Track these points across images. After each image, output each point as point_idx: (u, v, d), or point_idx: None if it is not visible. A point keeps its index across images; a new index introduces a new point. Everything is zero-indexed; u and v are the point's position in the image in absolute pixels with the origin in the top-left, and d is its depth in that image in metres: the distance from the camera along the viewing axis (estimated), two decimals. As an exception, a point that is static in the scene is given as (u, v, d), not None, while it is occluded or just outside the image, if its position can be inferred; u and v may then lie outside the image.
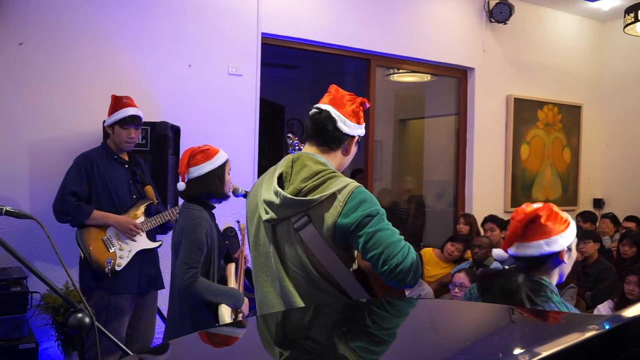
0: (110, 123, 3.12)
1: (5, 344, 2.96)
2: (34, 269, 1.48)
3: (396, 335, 1.23)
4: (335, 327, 1.33)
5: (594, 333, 1.02)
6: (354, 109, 1.86)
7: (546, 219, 1.82)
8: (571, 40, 6.42)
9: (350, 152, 1.89)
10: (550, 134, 6.26)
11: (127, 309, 3.08)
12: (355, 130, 1.86)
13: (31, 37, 3.56)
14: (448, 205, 6.08)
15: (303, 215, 1.71)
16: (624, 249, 4.67)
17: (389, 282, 1.67)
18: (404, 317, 1.37)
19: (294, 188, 1.73)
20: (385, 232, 1.67)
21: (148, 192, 3.25)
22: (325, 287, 1.72)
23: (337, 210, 1.68)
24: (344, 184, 1.72)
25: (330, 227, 1.69)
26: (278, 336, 1.32)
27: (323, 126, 1.83)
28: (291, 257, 1.75)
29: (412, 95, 6.86)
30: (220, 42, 4.21)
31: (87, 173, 3.04)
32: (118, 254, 3.04)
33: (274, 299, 1.81)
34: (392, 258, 1.63)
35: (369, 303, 1.52)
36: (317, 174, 1.74)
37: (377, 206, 1.72)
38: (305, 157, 1.80)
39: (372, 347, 1.15)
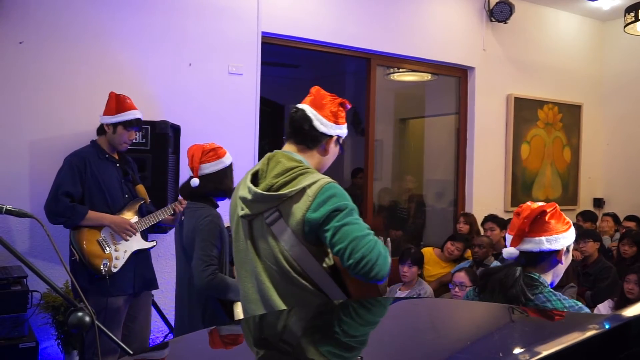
0: (113, 122, 3.08)
1: (5, 343, 2.95)
2: (34, 268, 1.48)
3: (365, 342, 1.24)
4: (306, 331, 1.35)
5: (594, 332, 1.02)
6: (332, 110, 1.89)
7: (550, 217, 1.83)
8: (571, 39, 6.42)
9: (329, 151, 1.92)
10: (550, 133, 6.26)
11: (122, 310, 3.05)
12: (333, 130, 1.89)
13: (31, 36, 3.56)
14: (448, 205, 6.08)
15: (275, 211, 1.75)
16: (624, 249, 4.67)
17: (355, 276, 1.67)
18: (372, 326, 1.38)
19: (266, 184, 1.79)
20: (351, 227, 1.68)
21: (140, 191, 3.20)
22: (297, 281, 1.75)
23: (306, 205, 1.71)
24: (314, 179, 1.74)
25: (300, 222, 1.71)
26: (256, 337, 1.36)
27: (299, 125, 1.87)
28: (265, 252, 1.79)
29: (412, 95, 6.86)
30: (221, 41, 4.21)
31: (80, 172, 2.98)
32: (114, 255, 3.00)
33: (253, 294, 1.85)
34: (356, 251, 1.64)
35: (339, 309, 1.52)
36: (289, 170, 1.77)
37: (347, 201, 1.73)
38: (280, 154, 1.85)
39: (340, 352, 1.16)
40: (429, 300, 3.09)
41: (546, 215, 1.82)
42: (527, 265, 1.83)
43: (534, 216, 1.81)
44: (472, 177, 5.71)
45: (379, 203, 6.14)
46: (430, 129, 6.79)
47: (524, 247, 1.82)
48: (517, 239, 1.83)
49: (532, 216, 1.81)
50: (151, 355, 1.35)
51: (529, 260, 1.83)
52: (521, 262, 1.83)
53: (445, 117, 6.22)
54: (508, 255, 1.84)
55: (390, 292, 4.10)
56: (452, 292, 3.71)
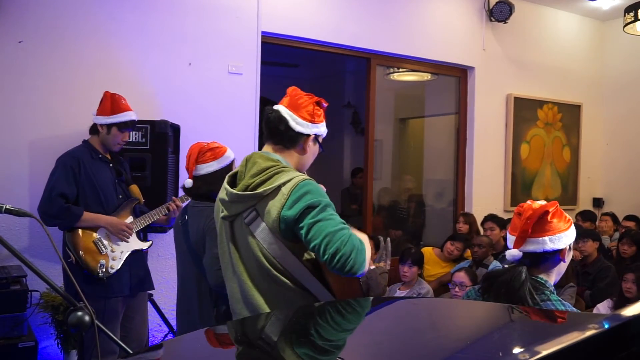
0: (108, 123, 3.04)
1: (5, 343, 2.95)
2: (34, 267, 1.48)
3: (341, 346, 1.25)
4: (285, 333, 1.37)
5: (594, 332, 1.02)
6: (308, 110, 1.90)
7: (552, 216, 1.81)
8: (571, 39, 6.42)
9: (307, 150, 1.93)
10: (550, 133, 6.26)
11: (119, 311, 3.03)
12: (309, 129, 1.90)
13: (31, 35, 3.56)
14: (448, 205, 6.08)
15: (252, 210, 1.78)
16: (623, 248, 4.68)
17: (332, 271, 1.68)
18: (348, 332, 1.38)
19: (243, 184, 1.81)
20: (325, 222, 1.69)
21: (133, 191, 3.18)
22: (279, 279, 1.76)
23: (281, 203, 1.72)
24: (290, 177, 1.76)
25: (276, 219, 1.73)
26: (237, 335, 1.38)
27: (275, 126, 1.89)
28: (246, 252, 1.82)
29: (412, 94, 6.86)
30: (221, 41, 4.20)
31: (75, 173, 2.94)
32: (110, 256, 2.97)
33: (237, 294, 1.88)
34: (330, 246, 1.64)
35: (317, 313, 1.52)
36: (265, 170, 1.79)
37: (321, 197, 1.74)
38: (257, 155, 1.87)
39: (316, 355, 1.17)
40: (429, 299, 3.09)
41: (548, 214, 1.80)
42: (531, 266, 1.81)
43: (536, 217, 1.79)
44: (472, 177, 5.71)
45: (379, 203, 6.14)
46: (430, 128, 6.79)
47: (528, 249, 1.80)
48: (520, 240, 1.81)
49: (535, 217, 1.79)
50: (150, 355, 1.35)
51: (533, 261, 1.81)
52: (525, 263, 1.80)
53: (445, 117, 6.22)
54: (511, 257, 1.82)
55: (389, 291, 4.10)
56: (452, 292, 3.71)
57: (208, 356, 1.22)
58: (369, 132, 5.19)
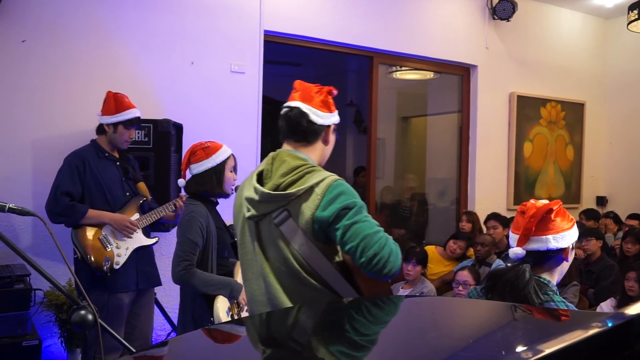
0: (114, 122, 3.09)
1: (9, 341, 2.96)
2: (37, 266, 1.49)
3: (375, 341, 1.22)
4: (316, 330, 1.33)
5: (597, 331, 1.02)
6: (322, 99, 1.89)
7: (556, 215, 1.80)
8: (574, 37, 6.40)
9: (329, 141, 1.92)
10: (553, 132, 6.24)
11: (125, 307, 3.07)
12: (328, 119, 1.89)
13: (33, 35, 3.56)
14: (451, 203, 6.07)
15: (283, 210, 1.73)
16: (626, 247, 4.67)
17: (368, 274, 1.67)
18: (383, 325, 1.36)
19: (272, 184, 1.76)
20: (362, 224, 1.67)
21: (141, 188, 3.22)
22: (308, 281, 1.73)
23: (315, 204, 1.69)
24: (322, 177, 1.73)
25: (309, 221, 1.70)
26: (263, 335, 1.33)
27: (297, 122, 1.86)
28: (274, 253, 1.77)
29: (414, 93, 6.85)
30: (223, 40, 4.20)
31: (80, 172, 3.00)
32: (115, 252, 3.01)
33: (260, 296, 1.83)
34: (368, 249, 1.63)
35: (350, 307, 1.51)
36: (295, 169, 1.76)
37: (356, 198, 1.72)
38: (284, 153, 1.84)
39: (351, 352, 1.15)
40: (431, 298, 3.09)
41: (552, 213, 1.79)
42: (534, 265, 1.80)
43: (540, 215, 1.78)
44: (475, 176, 5.70)
45: (382, 201, 6.14)
46: (433, 127, 6.78)
47: (531, 247, 1.80)
48: (523, 238, 1.80)
49: (539, 215, 1.78)
50: (153, 353, 1.35)
51: (536, 260, 1.81)
52: (528, 261, 1.80)
53: (447, 116, 6.21)
54: (514, 256, 1.81)
55: (392, 290, 4.10)
56: (456, 291, 3.71)
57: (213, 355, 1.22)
58: (371, 130, 5.18)
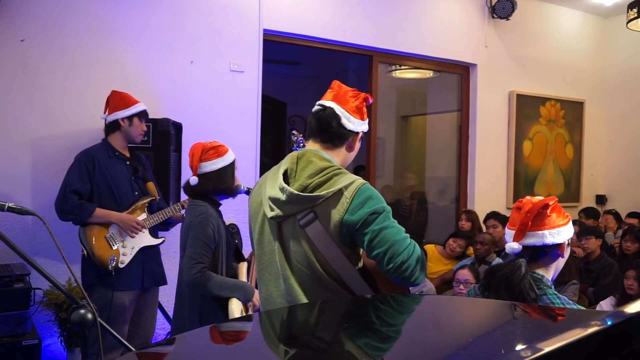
0: (128, 115, 3.13)
1: (9, 340, 2.96)
2: (37, 266, 1.49)
3: (402, 331, 1.22)
4: (340, 323, 1.31)
5: (596, 329, 1.02)
6: (357, 105, 1.85)
7: (552, 210, 1.82)
8: (574, 36, 6.40)
9: (354, 148, 1.89)
10: (552, 130, 6.24)
11: (129, 305, 3.09)
12: (359, 126, 1.86)
13: (33, 34, 3.56)
14: (450, 202, 6.08)
15: (309, 212, 1.70)
16: (626, 245, 4.67)
17: (394, 280, 1.66)
18: (409, 314, 1.35)
19: (299, 184, 1.72)
20: (390, 230, 1.66)
21: (149, 188, 3.24)
22: (330, 284, 1.71)
23: (344, 207, 1.67)
24: (350, 180, 1.71)
25: (337, 224, 1.68)
26: (283, 333, 1.31)
27: (327, 123, 1.82)
28: (297, 254, 1.74)
29: (414, 92, 6.85)
30: (222, 39, 4.20)
31: (89, 170, 3.04)
32: (121, 251, 3.05)
33: (278, 298, 1.80)
34: (397, 256, 1.63)
35: (374, 299, 1.51)
36: (323, 170, 1.73)
37: (383, 203, 1.71)
38: (310, 153, 1.79)
39: (378, 344, 1.14)
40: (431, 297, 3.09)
41: (548, 208, 1.81)
42: (530, 260, 1.82)
43: (536, 210, 1.80)
44: (475, 174, 5.70)
45: (381, 200, 6.14)
46: (433, 126, 6.78)
47: (527, 242, 1.81)
48: (519, 233, 1.82)
49: (535, 210, 1.80)
50: (153, 352, 1.35)
51: (532, 255, 1.82)
52: (525, 257, 1.81)
53: (447, 114, 6.21)
54: (511, 251, 1.83)
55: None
56: (457, 290, 3.71)
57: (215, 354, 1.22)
58: (371, 129, 5.18)
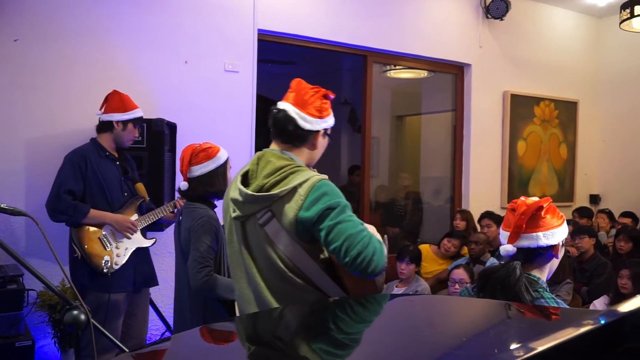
0: (124, 120, 3.11)
1: (2, 342, 2.94)
2: (30, 267, 1.48)
3: (359, 340, 1.23)
4: (300, 328, 1.34)
5: (590, 328, 1.02)
6: (315, 105, 1.86)
7: (546, 212, 1.82)
8: (568, 36, 6.42)
9: (317, 146, 1.89)
10: (546, 130, 6.26)
11: (122, 307, 3.08)
12: (317, 125, 1.86)
13: (27, 33, 3.55)
14: (445, 202, 6.09)
15: (267, 211, 1.74)
16: (619, 245, 4.69)
17: (353, 273, 1.67)
18: (367, 323, 1.36)
19: (256, 184, 1.76)
20: (346, 224, 1.67)
21: (139, 189, 3.22)
22: (293, 280, 1.74)
23: (298, 204, 1.69)
24: (305, 177, 1.72)
25: (292, 221, 1.70)
26: (249, 334, 1.35)
27: (283, 125, 1.84)
28: (260, 253, 1.78)
29: (408, 92, 6.86)
30: (217, 39, 4.19)
31: (82, 170, 3.00)
32: (115, 253, 3.03)
33: (249, 294, 1.84)
34: (352, 249, 1.63)
35: (334, 306, 1.52)
36: (279, 170, 1.75)
37: (339, 198, 1.72)
38: (269, 153, 1.83)
39: (333, 350, 1.15)
40: (425, 296, 3.10)
41: (542, 210, 1.81)
42: (524, 262, 1.81)
43: (530, 212, 1.79)
44: (469, 174, 5.71)
45: (376, 200, 6.15)
46: (427, 126, 6.79)
47: (522, 244, 1.81)
48: (513, 235, 1.82)
49: (529, 212, 1.79)
50: (147, 353, 1.35)
51: (527, 257, 1.82)
52: (519, 258, 1.81)
53: (441, 114, 6.22)
54: (505, 253, 1.83)
55: (387, 288, 4.10)
56: (452, 289, 3.71)
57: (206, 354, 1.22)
58: (365, 129, 5.19)
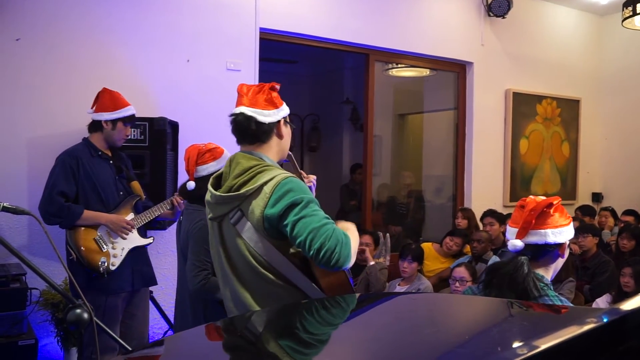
0: (113, 119, 3.05)
1: (5, 341, 2.95)
2: (33, 266, 1.48)
3: (325, 341, 1.26)
4: (269, 325, 1.41)
5: (592, 326, 1.02)
6: (265, 98, 1.92)
7: (555, 210, 1.84)
8: (570, 34, 6.41)
9: (283, 134, 1.95)
10: (549, 128, 6.25)
11: (120, 307, 3.04)
12: (276, 115, 1.92)
13: (28, 33, 3.55)
14: (447, 200, 6.08)
15: (237, 210, 1.80)
16: (622, 243, 4.68)
17: (319, 266, 1.69)
18: (332, 326, 1.40)
19: (227, 186, 1.83)
20: (309, 219, 1.70)
21: (134, 187, 3.18)
22: (267, 277, 1.78)
23: (264, 201, 1.74)
24: (272, 175, 1.77)
25: (260, 218, 1.74)
26: (226, 327, 1.42)
27: (245, 127, 1.90)
28: (234, 252, 1.83)
29: (410, 90, 6.85)
30: (219, 38, 4.19)
31: (74, 171, 2.94)
32: (111, 253, 2.98)
33: (227, 293, 1.90)
34: (315, 242, 1.65)
35: (303, 308, 1.55)
36: (248, 170, 1.81)
37: (304, 194, 1.75)
38: (239, 155, 1.89)
39: (299, 347, 1.19)
40: (428, 295, 3.09)
41: (552, 208, 1.83)
42: (531, 259, 1.82)
43: (540, 209, 1.82)
44: (471, 173, 5.70)
45: (378, 199, 6.14)
46: (429, 124, 6.79)
47: (530, 240, 1.82)
48: (522, 231, 1.83)
49: (539, 209, 1.82)
50: (150, 352, 1.35)
51: (534, 254, 1.83)
52: (526, 254, 1.82)
53: (443, 113, 6.22)
54: (513, 248, 1.84)
55: (389, 287, 4.10)
56: (452, 287, 3.71)
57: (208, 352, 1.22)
58: (368, 128, 5.18)
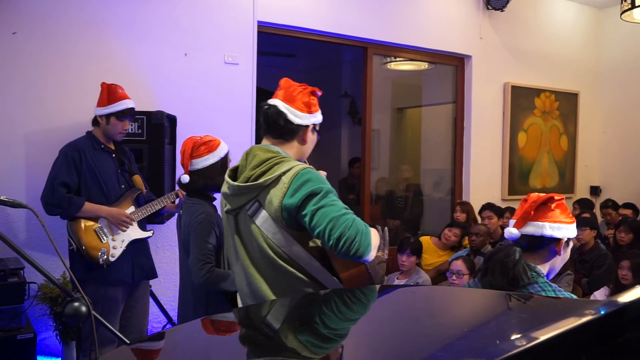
0: (106, 114, 3.07)
1: (3, 335, 2.95)
2: (31, 260, 1.48)
3: (344, 335, 1.25)
4: (288, 319, 1.39)
5: (590, 318, 1.03)
6: (304, 100, 1.92)
7: (556, 206, 1.86)
8: (568, 27, 6.40)
9: (307, 141, 1.95)
10: (547, 122, 6.25)
11: (120, 299, 3.07)
12: (307, 119, 1.92)
13: (25, 27, 3.53)
14: (446, 194, 6.09)
15: (255, 202, 1.80)
16: (620, 236, 4.69)
17: (339, 256, 1.69)
18: (352, 322, 1.38)
19: (244, 177, 1.83)
20: (328, 208, 1.70)
21: (136, 181, 3.20)
22: (285, 269, 1.78)
23: (283, 192, 1.74)
24: (290, 166, 1.78)
25: (278, 209, 1.74)
26: (241, 319, 1.42)
27: (274, 120, 1.90)
28: (251, 243, 1.83)
29: (409, 84, 6.84)
30: (216, 31, 4.18)
31: (76, 163, 2.98)
32: (111, 245, 3.01)
33: (244, 287, 1.89)
34: (335, 231, 1.66)
35: (322, 301, 1.54)
36: (265, 161, 1.81)
37: (323, 184, 1.75)
38: (256, 148, 1.89)
39: (318, 342, 1.18)
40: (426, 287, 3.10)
41: (553, 202, 1.85)
42: (526, 249, 1.84)
43: (541, 201, 1.85)
44: (469, 166, 5.71)
45: (377, 193, 6.15)
46: (428, 118, 6.78)
47: (526, 230, 1.85)
48: (521, 221, 1.86)
49: (540, 201, 1.85)
50: (149, 345, 1.35)
51: (530, 244, 1.85)
52: (522, 244, 1.85)
53: (442, 106, 6.21)
54: (509, 235, 1.87)
55: (388, 280, 4.11)
56: (450, 280, 3.73)
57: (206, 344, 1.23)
58: (366, 122, 5.18)
